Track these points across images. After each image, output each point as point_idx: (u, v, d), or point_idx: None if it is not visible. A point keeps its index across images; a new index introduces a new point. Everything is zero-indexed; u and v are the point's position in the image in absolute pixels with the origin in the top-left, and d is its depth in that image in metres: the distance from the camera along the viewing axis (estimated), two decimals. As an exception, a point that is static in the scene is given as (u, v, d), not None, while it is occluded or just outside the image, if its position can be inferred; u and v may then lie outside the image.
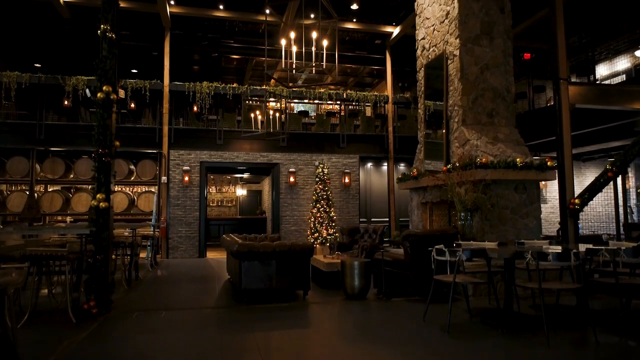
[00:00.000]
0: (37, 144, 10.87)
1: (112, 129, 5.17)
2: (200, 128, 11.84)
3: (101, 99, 5.05)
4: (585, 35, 13.19)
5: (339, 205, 12.37)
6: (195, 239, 11.51)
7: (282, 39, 5.84)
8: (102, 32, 5.15)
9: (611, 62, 15.81)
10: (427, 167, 8.38)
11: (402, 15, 12.09)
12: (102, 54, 5.15)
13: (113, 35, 5.18)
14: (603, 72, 16.15)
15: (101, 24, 5.16)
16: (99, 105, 5.07)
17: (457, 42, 7.17)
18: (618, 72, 15.44)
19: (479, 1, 7.23)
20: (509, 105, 7.27)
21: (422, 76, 8.54)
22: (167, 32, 11.79)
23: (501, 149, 6.76)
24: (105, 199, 5.01)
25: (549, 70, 10.69)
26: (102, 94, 5.06)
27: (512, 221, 6.52)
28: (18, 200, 10.84)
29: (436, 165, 8.04)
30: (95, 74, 5.14)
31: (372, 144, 12.97)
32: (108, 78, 5.13)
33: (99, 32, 5.16)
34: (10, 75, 10.66)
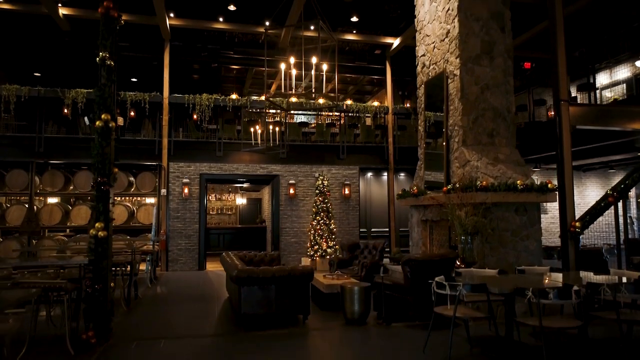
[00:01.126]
0: (37, 157, 10.85)
1: (111, 157, 5.15)
2: (200, 140, 11.82)
3: (100, 128, 5.03)
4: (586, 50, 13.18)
5: (339, 217, 12.35)
6: (194, 252, 11.49)
7: (282, 63, 5.82)
8: (100, 60, 5.12)
9: (611, 71, 15.78)
10: (427, 178, 8.35)
11: (403, 26, 12.08)
12: (100, 82, 5.13)
13: (112, 62, 5.16)
14: (603, 81, 16.11)
15: (100, 51, 5.13)
16: (97, 134, 5.04)
17: (458, 61, 7.14)
18: (618, 82, 15.41)
19: (479, 20, 7.21)
20: (509, 125, 7.25)
21: (422, 93, 8.51)
22: (166, 44, 11.78)
23: (501, 170, 6.73)
24: (104, 228, 4.98)
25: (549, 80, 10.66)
26: (101, 122, 5.03)
27: (513, 243, 6.49)
28: (17, 213, 10.82)
29: (436, 176, 8.01)
30: (94, 102, 5.11)
31: (372, 154, 12.95)
32: (107, 106, 5.10)
33: (98, 59, 5.14)
34: (9, 88, 10.65)
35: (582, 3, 10.10)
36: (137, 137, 11.83)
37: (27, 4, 10.43)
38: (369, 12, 11.34)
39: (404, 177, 14.59)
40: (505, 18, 7.37)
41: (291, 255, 12.06)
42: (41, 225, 10.86)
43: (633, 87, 14.63)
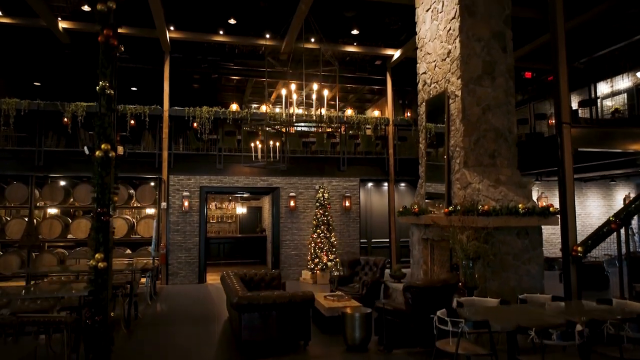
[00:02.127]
0: (36, 171, 10.82)
1: (111, 186, 5.12)
2: (200, 153, 11.78)
3: (99, 158, 5.00)
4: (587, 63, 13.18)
5: (339, 229, 12.32)
6: (195, 265, 11.46)
7: (283, 89, 5.79)
8: (100, 89, 5.09)
9: (612, 80, 15.75)
10: (428, 189, 8.32)
11: (403, 38, 12.04)
12: (100, 111, 5.09)
13: (112, 91, 5.13)
14: (604, 90, 16.09)
15: (99, 80, 5.10)
16: (97, 164, 5.01)
17: (459, 82, 7.11)
18: (619, 91, 15.38)
19: (481, 41, 7.17)
20: (510, 146, 7.22)
21: (423, 111, 8.49)
22: (166, 56, 11.74)
23: (503, 192, 6.70)
24: (104, 259, 4.95)
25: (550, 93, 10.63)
26: (101, 152, 5.00)
27: (514, 267, 6.46)
28: (17, 227, 10.79)
29: (437, 187, 7.99)
30: (94, 131, 5.08)
31: (372, 166, 12.92)
32: (107, 135, 5.07)
33: (98, 88, 5.10)
34: (9, 102, 10.62)
35: (583, 18, 10.09)
36: (137, 148, 11.77)
37: (26, 18, 10.39)
38: (370, 25, 11.32)
39: (405, 188, 14.58)
40: (507, 38, 7.33)
41: (291, 268, 12.04)
42: (41, 239, 10.83)
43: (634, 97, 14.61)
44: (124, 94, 12.84)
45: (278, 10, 10.34)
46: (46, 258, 10.82)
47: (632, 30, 11.40)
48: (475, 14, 7.18)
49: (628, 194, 14.32)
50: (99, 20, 5.22)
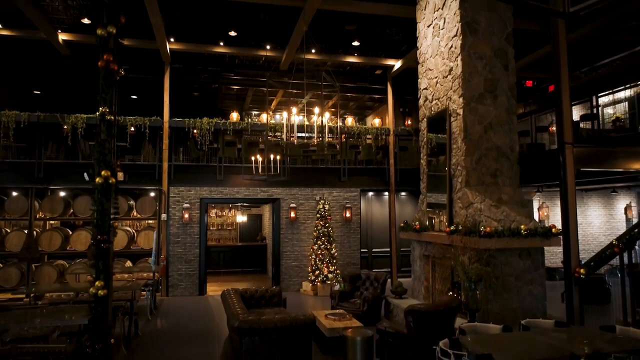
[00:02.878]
0: (36, 183, 10.78)
1: (110, 211, 5.09)
2: (201, 164, 11.74)
3: (99, 184, 4.96)
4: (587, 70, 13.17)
5: (340, 240, 12.28)
6: (195, 276, 11.43)
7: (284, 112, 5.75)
8: (100, 115, 5.06)
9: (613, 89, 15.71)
10: (429, 200, 8.30)
11: (404, 49, 11.99)
12: (100, 137, 5.06)
13: (112, 117, 5.10)
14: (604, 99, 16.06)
15: (100, 106, 5.07)
16: (97, 191, 4.98)
17: (461, 100, 7.08)
18: (620, 99, 15.35)
19: (483, 59, 7.15)
20: (512, 165, 7.19)
21: (424, 126, 8.46)
22: (166, 67, 11.70)
23: (505, 212, 6.67)
24: (105, 286, 4.92)
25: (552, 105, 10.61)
26: (101, 179, 4.97)
27: (517, 288, 6.44)
28: (17, 239, 10.75)
29: (438, 197, 7.97)
30: (93, 157, 5.05)
31: (373, 176, 12.88)
32: (107, 162, 5.04)
33: (97, 114, 5.08)
34: (8, 114, 10.58)
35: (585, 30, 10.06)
36: (137, 159, 11.74)
37: (26, 30, 10.36)
38: (371, 36, 11.27)
39: (406, 197, 14.56)
40: (509, 55, 7.31)
41: (292, 279, 12.00)
42: (40, 252, 10.79)
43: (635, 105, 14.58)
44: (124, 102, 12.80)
45: (278, 23, 10.30)
46: (46, 271, 10.78)
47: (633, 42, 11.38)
48: (477, 31, 7.16)
49: (629, 203, 14.29)
50: (99, 45, 5.19)
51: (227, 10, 9.70)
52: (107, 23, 5.17)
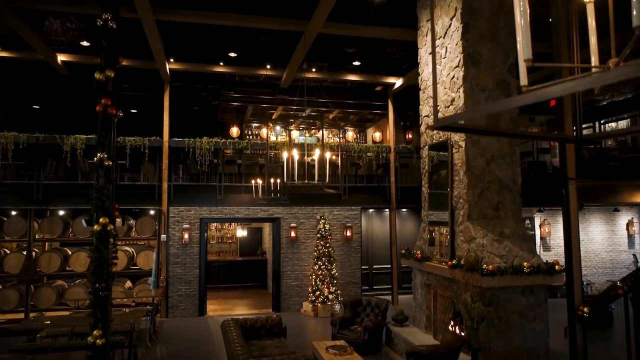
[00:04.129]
0: (35, 204, 10.71)
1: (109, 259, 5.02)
2: (201, 184, 11.66)
3: (98, 232, 4.90)
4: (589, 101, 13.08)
5: (340, 259, 12.22)
6: (195, 297, 11.37)
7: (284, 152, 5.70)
8: (98, 160, 4.99)
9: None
10: (430, 218, 8.23)
11: (405, 67, 11.92)
12: (98, 183, 4.99)
13: (110, 162, 5.03)
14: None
15: (97, 151, 5.00)
16: (96, 238, 4.91)
17: (463, 133, 7.01)
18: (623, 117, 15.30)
19: (485, 90, 7.08)
20: (515, 197, 7.12)
21: (426, 155, 8.39)
22: (166, 86, 11.64)
23: (507, 247, 6.61)
24: (103, 335, 4.85)
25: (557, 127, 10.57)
26: (99, 226, 4.90)
27: (519, 326, 6.37)
28: (15, 261, 10.69)
29: (439, 215, 7.90)
30: (91, 204, 4.98)
31: (373, 194, 12.81)
32: (105, 209, 4.97)
33: (96, 159, 5.01)
34: (7, 135, 10.52)
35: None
36: (136, 177, 11.65)
37: (25, 51, 10.29)
38: (371, 56, 11.20)
39: (407, 212, 14.49)
40: (512, 86, 7.24)
41: (292, 299, 11.94)
42: (39, 273, 10.73)
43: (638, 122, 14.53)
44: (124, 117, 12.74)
45: (279, 44, 10.24)
46: (45, 292, 10.73)
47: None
48: (479, 62, 7.09)
49: (631, 219, 14.23)
50: (97, 89, 5.13)
51: (227, 34, 9.64)
52: (105, 66, 5.11)
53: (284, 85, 12.10)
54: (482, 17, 7.16)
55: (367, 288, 13.76)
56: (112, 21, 5.16)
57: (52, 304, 10.74)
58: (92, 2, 7.93)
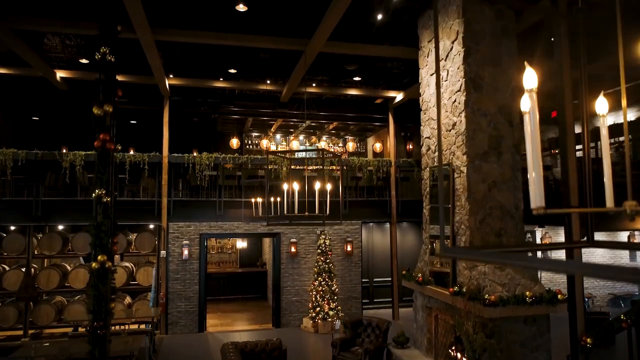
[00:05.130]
0: (34, 221, 10.66)
1: (108, 295, 4.97)
2: (201, 200, 11.60)
3: (96, 270, 4.85)
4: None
5: (341, 274, 12.16)
6: (194, 313, 11.32)
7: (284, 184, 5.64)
8: (96, 197, 4.94)
9: (617, 114, 15.60)
10: (431, 232, 8.17)
11: (406, 81, 11.86)
12: (96, 220, 4.95)
13: (108, 199, 4.98)
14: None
15: (96, 187, 4.95)
16: (94, 275, 4.86)
17: (465, 158, 6.95)
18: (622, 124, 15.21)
19: (487, 115, 7.02)
20: (517, 223, 7.06)
21: (427, 176, 8.33)
22: (166, 101, 11.58)
23: (509, 275, 6.55)
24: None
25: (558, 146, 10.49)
26: (97, 264, 4.86)
27: (522, 355, 6.31)
28: (14, 278, 10.63)
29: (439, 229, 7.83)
30: (90, 242, 4.93)
31: (374, 208, 12.74)
32: (103, 246, 4.92)
33: (94, 195, 4.96)
34: (6, 152, 10.45)
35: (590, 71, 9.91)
36: (135, 189, 11.59)
37: (23, 68, 10.23)
38: (372, 71, 11.14)
39: (407, 224, 14.42)
40: (514, 111, 7.18)
41: (292, 315, 11.88)
42: (38, 290, 10.68)
43: (639, 132, 14.44)
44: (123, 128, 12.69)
45: (279, 61, 10.18)
46: (44, 309, 10.67)
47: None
48: (481, 87, 7.03)
49: (632, 232, 14.16)
50: (95, 124, 5.08)
51: (227, 51, 9.58)
52: (104, 101, 5.06)
53: (284, 100, 12.04)
54: (483, 41, 7.11)
55: (368, 301, 13.70)
56: (110, 55, 5.12)
57: (51, 321, 10.69)
58: (91, 23, 7.86)
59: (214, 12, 7.77)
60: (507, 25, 7.30)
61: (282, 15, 7.97)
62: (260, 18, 8.03)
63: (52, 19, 7.95)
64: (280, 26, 8.43)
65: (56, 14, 7.90)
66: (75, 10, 7.78)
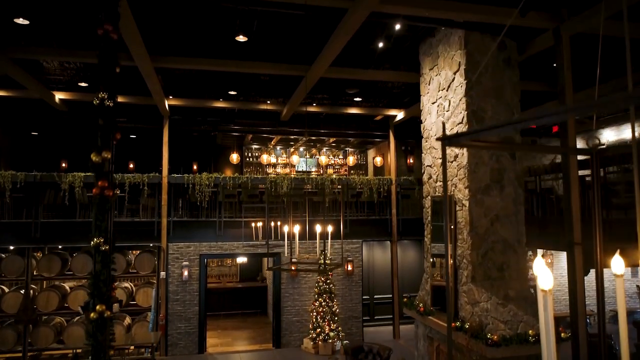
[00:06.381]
0: (33, 242, 10.61)
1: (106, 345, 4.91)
2: (201, 220, 11.54)
3: (94, 319, 4.79)
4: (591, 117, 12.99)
5: (341, 293, 12.11)
6: (194, 335, 11.26)
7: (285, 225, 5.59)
8: (95, 246, 4.87)
9: (618, 129, 15.57)
10: (433, 251, 8.13)
11: (407, 100, 11.80)
12: (95, 269, 4.88)
13: (107, 247, 4.91)
14: (610, 138, 15.91)
15: (94, 236, 4.89)
16: (92, 326, 4.80)
17: (467, 192, 6.90)
18: (625, 140, 15.17)
19: (489, 149, 6.96)
20: (519, 257, 7.01)
21: (428, 204, 8.27)
22: (165, 120, 11.52)
23: (512, 312, 6.49)
24: None
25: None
26: (95, 314, 4.79)
27: (524, 394, 6.26)
28: (13, 300, 10.57)
29: (442, 249, 7.79)
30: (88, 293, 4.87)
31: (375, 226, 12.69)
32: (101, 294, 4.86)
33: (92, 244, 4.90)
34: (4, 174, 10.40)
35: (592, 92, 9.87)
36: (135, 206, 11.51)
37: (21, 90, 10.16)
38: (373, 91, 11.08)
39: (408, 241, 14.37)
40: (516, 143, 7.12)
41: (293, 334, 11.83)
42: (37, 313, 10.62)
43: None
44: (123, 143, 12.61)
45: (280, 83, 10.12)
46: (43, 331, 10.60)
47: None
48: (483, 119, 6.98)
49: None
50: (93, 170, 5.01)
51: (227, 74, 9.52)
52: (102, 147, 4.99)
53: (284, 118, 11.99)
54: (485, 73, 7.05)
55: (368, 319, 13.66)
56: (109, 100, 5.06)
57: (50, 343, 10.63)
58: (90, 52, 7.81)
59: (214, 42, 7.71)
60: (509, 56, 7.24)
61: (282, 44, 7.91)
62: (261, 47, 7.97)
63: (51, 47, 7.89)
64: (281, 54, 8.36)
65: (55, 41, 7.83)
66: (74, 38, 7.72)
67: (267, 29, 7.23)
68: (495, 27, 6.91)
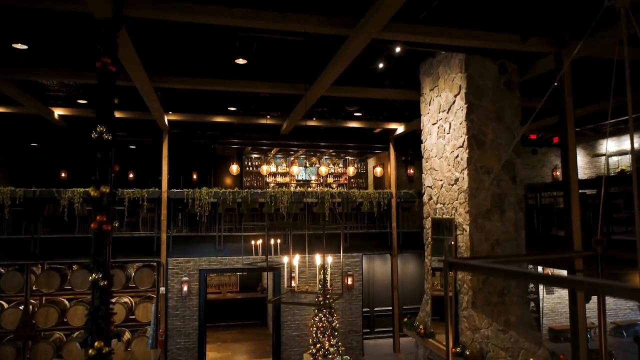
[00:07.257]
0: (32, 259, 10.58)
1: (105, 380, 4.88)
2: (200, 234, 11.50)
3: (92, 356, 4.76)
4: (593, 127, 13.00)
5: (341, 307, 12.07)
6: (194, 350, 11.23)
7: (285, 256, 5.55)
8: (93, 281, 4.85)
9: (619, 139, 15.53)
10: (433, 264, 8.11)
11: (408, 114, 11.76)
12: (93, 304, 4.85)
13: (105, 282, 4.88)
14: (610, 149, 15.86)
15: (92, 272, 4.86)
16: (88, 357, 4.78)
17: (467, 216, 6.86)
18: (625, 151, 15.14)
19: (490, 173, 6.93)
20: (520, 282, 6.97)
21: (429, 226, 8.24)
22: (165, 135, 11.47)
23: (513, 338, 6.46)
24: None
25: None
26: (94, 350, 4.76)
27: (525, 423, 6.23)
28: (12, 317, 10.54)
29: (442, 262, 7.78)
30: (86, 326, 4.84)
31: (375, 240, 12.65)
32: (100, 331, 4.83)
33: (90, 279, 4.87)
34: (3, 191, 10.37)
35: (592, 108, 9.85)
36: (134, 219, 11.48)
37: (19, 106, 10.12)
38: (373, 105, 11.04)
39: (409, 254, 14.33)
40: (517, 167, 7.10)
41: (293, 349, 11.80)
42: (37, 329, 10.59)
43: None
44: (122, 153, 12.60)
45: (279, 99, 10.09)
46: (42, 347, 10.57)
47: None
48: (484, 144, 6.94)
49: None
50: (92, 204, 4.98)
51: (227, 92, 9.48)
52: (100, 181, 4.96)
53: (284, 132, 11.95)
54: (486, 96, 7.02)
55: (369, 331, 13.63)
56: (108, 133, 5.02)
57: (49, 359, 10.60)
58: (90, 72, 7.79)
59: (213, 64, 7.67)
60: (510, 79, 7.21)
61: (281, 66, 7.87)
62: (260, 68, 7.93)
63: (50, 67, 7.85)
64: (280, 74, 8.33)
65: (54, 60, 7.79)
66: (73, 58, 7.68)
67: (267, 52, 7.20)
68: (496, 51, 6.87)
